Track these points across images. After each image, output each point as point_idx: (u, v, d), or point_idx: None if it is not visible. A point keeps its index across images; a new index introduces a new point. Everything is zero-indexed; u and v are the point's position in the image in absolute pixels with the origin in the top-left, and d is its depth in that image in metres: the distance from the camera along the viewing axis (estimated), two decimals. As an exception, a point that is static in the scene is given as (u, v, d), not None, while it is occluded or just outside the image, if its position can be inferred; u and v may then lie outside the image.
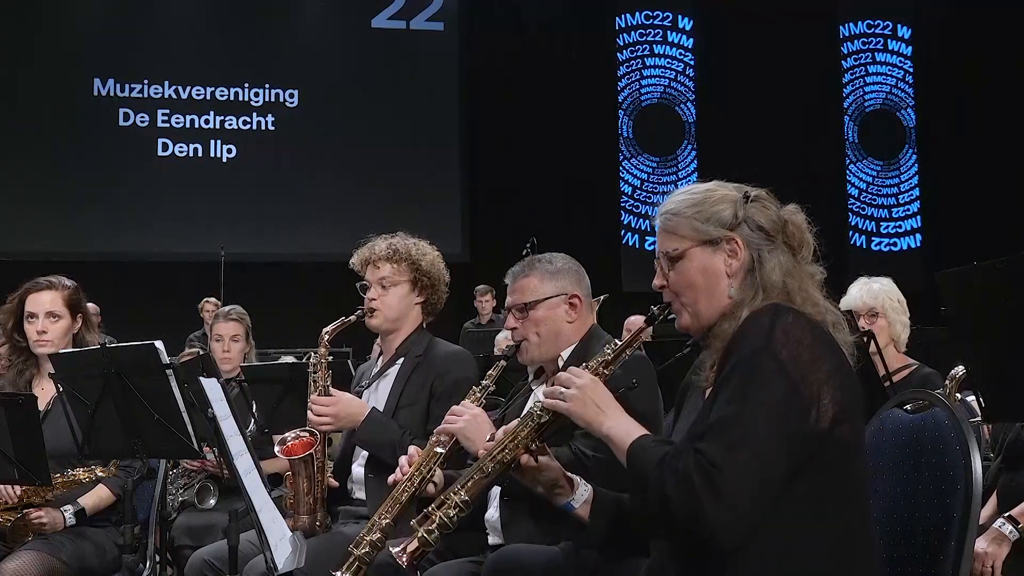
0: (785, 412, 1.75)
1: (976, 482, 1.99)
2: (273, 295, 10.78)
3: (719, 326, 1.94)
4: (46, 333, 3.47)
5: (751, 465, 1.72)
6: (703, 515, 1.70)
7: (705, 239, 1.97)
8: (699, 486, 1.70)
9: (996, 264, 2.76)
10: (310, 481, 3.13)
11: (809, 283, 1.95)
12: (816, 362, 1.79)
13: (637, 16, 13.52)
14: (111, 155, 12.09)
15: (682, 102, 13.53)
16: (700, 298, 1.97)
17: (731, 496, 1.70)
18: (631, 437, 1.88)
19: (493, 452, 2.06)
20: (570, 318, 2.87)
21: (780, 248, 1.96)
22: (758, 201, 1.99)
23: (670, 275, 2.01)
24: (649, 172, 13.40)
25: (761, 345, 1.79)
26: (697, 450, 1.74)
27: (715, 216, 1.97)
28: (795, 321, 1.83)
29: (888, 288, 4.15)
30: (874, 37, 13.99)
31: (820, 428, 1.77)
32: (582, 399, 1.95)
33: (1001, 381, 2.85)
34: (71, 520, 3.34)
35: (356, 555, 2.42)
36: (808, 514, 1.78)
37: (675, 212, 2.01)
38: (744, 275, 1.95)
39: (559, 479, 2.13)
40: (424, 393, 3.25)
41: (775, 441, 1.74)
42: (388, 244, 3.37)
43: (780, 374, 1.76)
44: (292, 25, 12.78)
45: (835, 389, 1.79)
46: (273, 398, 4.29)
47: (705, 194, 2.01)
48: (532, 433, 2.04)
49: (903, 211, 13.78)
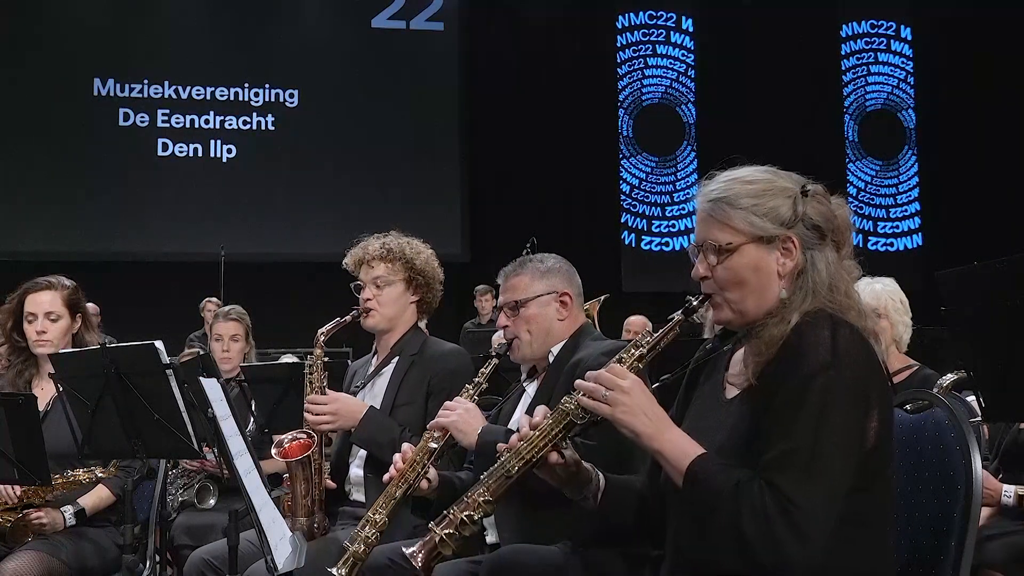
0: (855, 438, 1.72)
1: (976, 482, 1.99)
2: (273, 295, 10.77)
3: (766, 328, 1.82)
4: (45, 333, 3.47)
5: (829, 500, 1.68)
6: (786, 556, 1.66)
7: (761, 235, 1.85)
8: (781, 527, 1.66)
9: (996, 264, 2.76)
10: (308, 483, 3.12)
11: (850, 284, 1.88)
12: (872, 381, 1.75)
13: (641, 16, 13.51)
14: (111, 155, 12.08)
15: (683, 103, 13.53)
16: (748, 296, 1.87)
17: (812, 535, 1.66)
18: (688, 456, 1.78)
19: (521, 451, 1.93)
20: (561, 316, 2.88)
21: (828, 245, 1.88)
22: (815, 197, 1.89)
23: (716, 268, 1.88)
24: (647, 172, 13.39)
25: (827, 363, 1.72)
26: (772, 484, 1.68)
27: (773, 211, 1.86)
28: (852, 336, 1.76)
29: (891, 289, 4.13)
30: (877, 37, 13.98)
31: (867, 448, 1.74)
32: (630, 407, 1.81)
33: (1001, 381, 2.85)
34: (71, 520, 3.34)
35: (351, 551, 2.43)
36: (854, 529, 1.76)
37: (728, 202, 1.88)
38: (795, 275, 1.86)
39: (580, 473, 2.01)
40: (421, 391, 3.25)
41: (847, 470, 1.70)
42: (382, 243, 3.36)
43: (851, 397, 1.71)
44: (292, 25, 12.76)
45: (881, 407, 1.77)
46: (273, 398, 4.30)
47: (764, 184, 1.89)
48: (564, 432, 1.91)
49: (901, 212, 13.78)
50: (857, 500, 1.75)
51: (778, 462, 1.70)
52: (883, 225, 13.70)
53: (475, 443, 2.66)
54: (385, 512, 2.53)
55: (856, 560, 1.77)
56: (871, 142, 13.84)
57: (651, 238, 13.22)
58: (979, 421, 3.31)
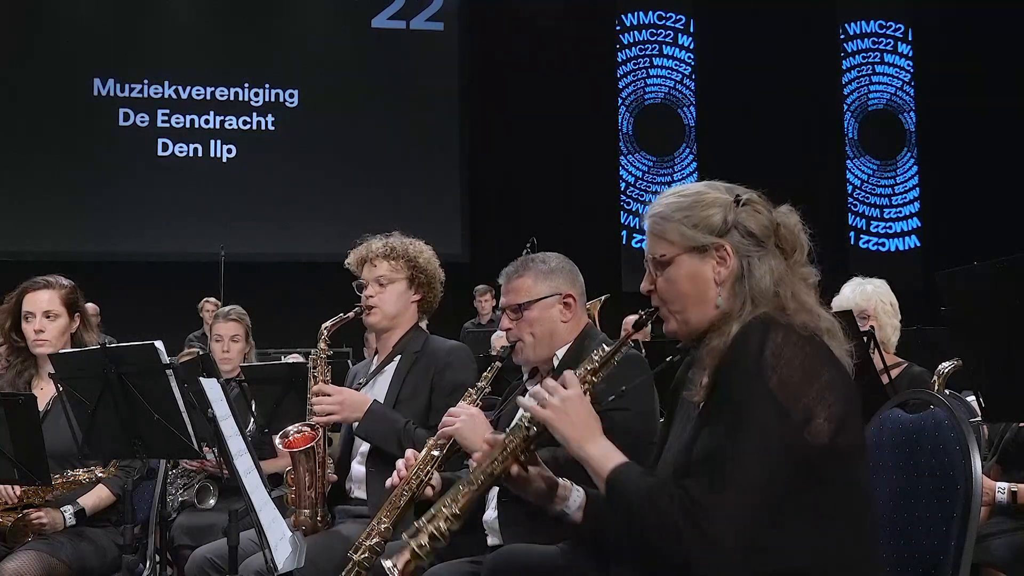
0: (775, 442, 1.72)
1: (976, 482, 1.99)
2: (273, 295, 10.77)
3: (709, 342, 1.88)
4: (44, 332, 3.46)
5: (738, 503, 1.69)
6: (687, 556, 1.69)
7: (693, 245, 1.91)
8: (683, 527, 1.69)
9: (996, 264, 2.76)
10: (311, 475, 3.13)
11: (802, 288, 1.90)
12: (808, 381, 1.76)
13: (650, 16, 13.52)
14: (111, 155, 12.09)
15: (685, 105, 13.54)
16: (688, 306, 1.93)
17: (722, 536, 1.68)
18: (610, 463, 1.84)
19: (483, 464, 1.99)
20: (564, 318, 2.85)
21: (771, 253, 1.91)
22: (749, 205, 1.93)
23: (658, 280, 1.96)
24: (645, 171, 13.40)
25: (749, 371, 1.75)
26: (682, 487, 1.72)
27: (704, 222, 1.91)
28: (785, 339, 1.78)
29: (881, 290, 4.12)
30: (884, 38, 13.99)
31: (817, 444, 1.75)
32: (563, 412, 1.89)
33: (1001, 381, 2.85)
34: (71, 520, 3.33)
35: (355, 560, 2.42)
36: (811, 527, 1.77)
37: (664, 216, 1.95)
38: (733, 283, 1.90)
39: (551, 488, 2.05)
40: (425, 387, 3.26)
41: (765, 474, 1.71)
42: (384, 243, 3.39)
43: (768, 402, 1.73)
44: (292, 25, 12.77)
45: (830, 405, 1.77)
46: (273, 398, 4.30)
47: (695, 197, 1.95)
48: (521, 444, 1.97)
49: (895, 212, 13.79)
50: (815, 496, 1.76)
51: (692, 469, 1.75)
52: (876, 225, 13.71)
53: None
54: (390, 520, 2.52)
55: (822, 556, 1.78)
56: (871, 141, 13.86)
57: (639, 236, 13.24)
58: (979, 421, 3.32)
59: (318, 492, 3.15)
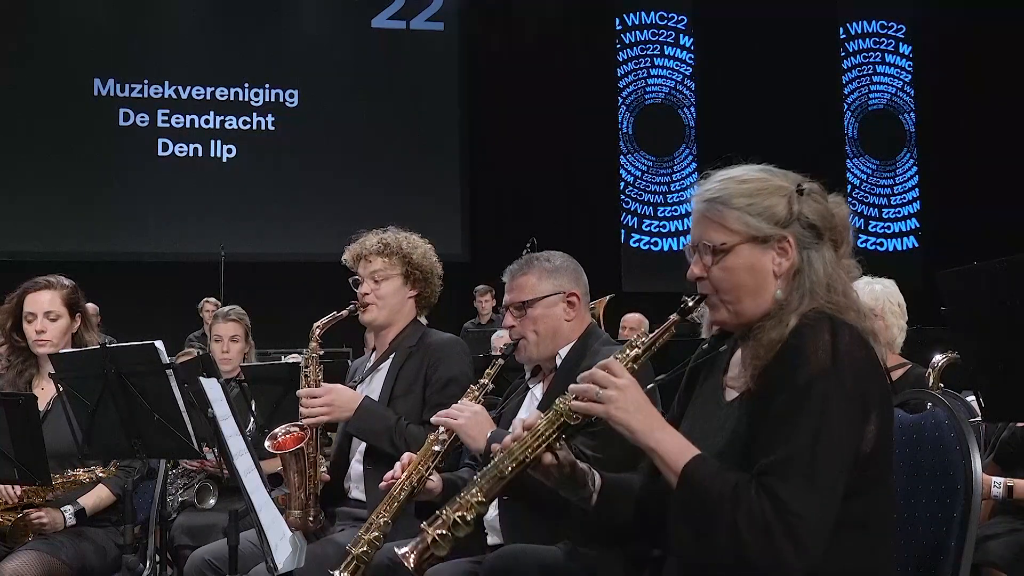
0: (853, 444, 1.71)
1: (976, 482, 1.99)
2: (273, 295, 10.77)
3: (764, 331, 1.80)
4: (45, 333, 3.47)
5: (826, 508, 1.67)
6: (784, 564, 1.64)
7: (756, 236, 1.83)
8: (780, 536, 1.63)
9: (996, 264, 2.76)
10: (301, 476, 3.11)
11: (848, 283, 1.86)
12: (871, 384, 1.74)
13: (651, 16, 13.52)
14: (111, 155, 12.09)
15: (685, 105, 13.54)
16: (744, 296, 1.85)
17: (810, 545, 1.65)
18: (685, 456, 1.75)
19: (514, 452, 1.89)
20: (568, 316, 2.85)
21: (826, 244, 1.86)
22: (811, 195, 1.87)
23: (712, 269, 1.86)
24: (644, 170, 13.40)
25: (827, 367, 1.70)
26: (770, 490, 1.66)
27: (768, 211, 1.83)
28: (852, 339, 1.74)
29: (890, 291, 4.12)
30: (884, 38, 14.00)
31: (865, 451, 1.73)
32: (624, 404, 1.78)
33: (1001, 381, 2.85)
34: (71, 520, 3.34)
35: (354, 554, 2.41)
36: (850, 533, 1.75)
37: (723, 201, 1.86)
38: (792, 275, 1.84)
39: (576, 473, 1.97)
40: (419, 381, 3.23)
41: (842, 479, 1.69)
42: (379, 238, 3.36)
43: (850, 403, 1.69)
44: (292, 25, 12.77)
45: (880, 410, 1.75)
46: (273, 398, 4.30)
47: (758, 184, 1.87)
48: (558, 433, 1.87)
49: (894, 212, 13.79)
50: (856, 504, 1.74)
51: (776, 468, 1.68)
52: (875, 224, 13.70)
53: (485, 448, 2.64)
54: (388, 515, 2.52)
55: (855, 564, 1.77)
56: (871, 141, 13.86)
57: (637, 235, 13.24)
58: (979, 421, 3.32)
59: (309, 492, 3.12)
